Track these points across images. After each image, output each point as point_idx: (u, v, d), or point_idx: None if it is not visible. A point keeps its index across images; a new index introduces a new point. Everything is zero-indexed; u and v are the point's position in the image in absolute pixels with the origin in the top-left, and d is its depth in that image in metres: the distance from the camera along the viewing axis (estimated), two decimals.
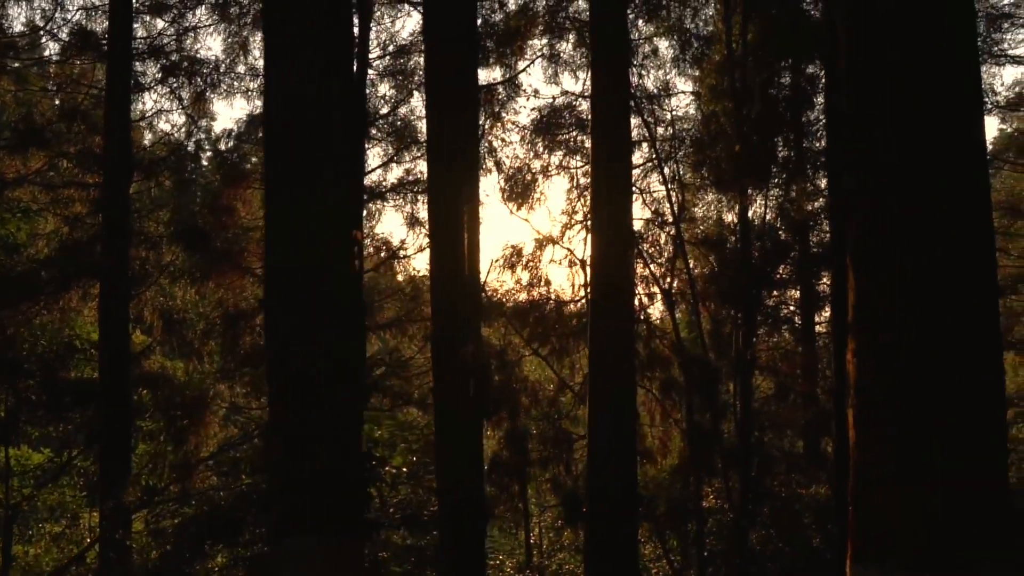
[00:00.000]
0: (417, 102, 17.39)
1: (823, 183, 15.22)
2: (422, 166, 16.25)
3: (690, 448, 14.30)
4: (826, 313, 16.18)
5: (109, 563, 11.38)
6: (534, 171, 16.39)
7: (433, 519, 9.24)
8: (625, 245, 9.13)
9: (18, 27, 14.74)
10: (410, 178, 16.19)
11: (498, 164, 16.37)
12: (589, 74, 11.72)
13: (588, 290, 11.82)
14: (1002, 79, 64.19)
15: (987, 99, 16.23)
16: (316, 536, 4.21)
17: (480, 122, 16.06)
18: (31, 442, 15.53)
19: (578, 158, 16.11)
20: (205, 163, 16.82)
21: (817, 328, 17.24)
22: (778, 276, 16.20)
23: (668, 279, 15.98)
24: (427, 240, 12.59)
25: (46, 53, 14.94)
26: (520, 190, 16.45)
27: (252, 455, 11.22)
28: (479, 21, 15.02)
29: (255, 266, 14.01)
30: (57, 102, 14.11)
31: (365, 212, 16.35)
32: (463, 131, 7.84)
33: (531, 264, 16.61)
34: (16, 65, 14.79)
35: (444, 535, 7.57)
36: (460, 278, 7.30)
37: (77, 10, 14.03)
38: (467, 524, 7.77)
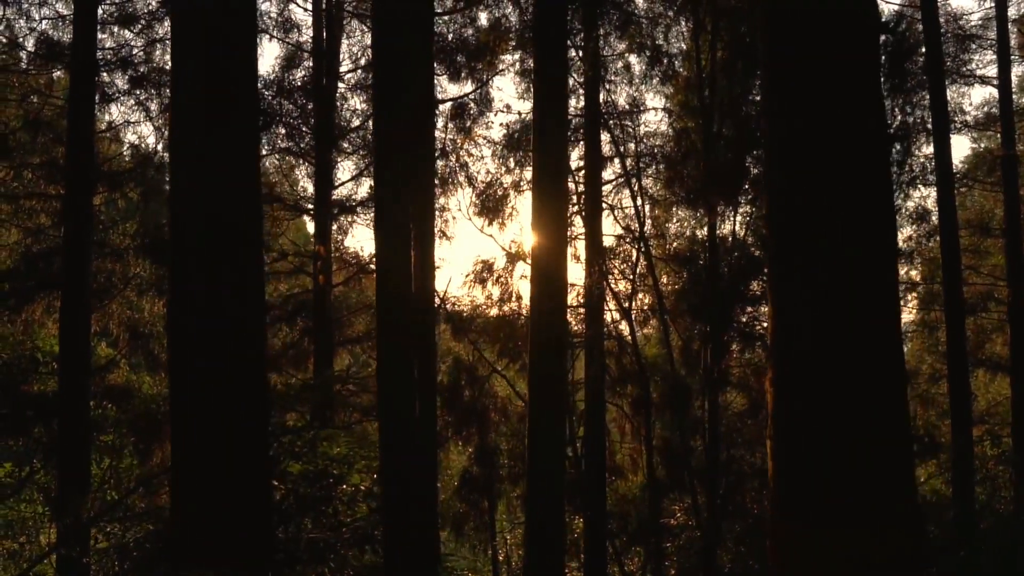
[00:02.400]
0: None
1: None
2: None
3: (650, 465, 14.22)
4: None
5: None
6: (505, 186, 16.38)
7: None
8: (561, 264, 9.18)
9: None
10: None
11: (470, 179, 16.34)
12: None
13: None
14: (970, 99, 64.71)
15: (956, 119, 16.34)
16: (212, 570, 4.10)
17: (451, 137, 16.04)
18: None
19: None
20: None
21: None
22: (750, 292, 16.19)
23: (639, 295, 15.95)
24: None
25: (11, 63, 14.80)
26: (492, 205, 16.42)
27: None
28: (449, 36, 15.02)
29: None
30: (22, 112, 13.97)
31: (335, 226, 16.28)
32: (414, 146, 7.78)
33: (502, 279, 16.57)
34: None
35: (389, 555, 7.46)
36: (406, 295, 7.23)
37: (43, 19, 13.93)
38: (416, 544, 7.67)
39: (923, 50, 14.15)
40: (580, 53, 14.88)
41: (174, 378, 4.67)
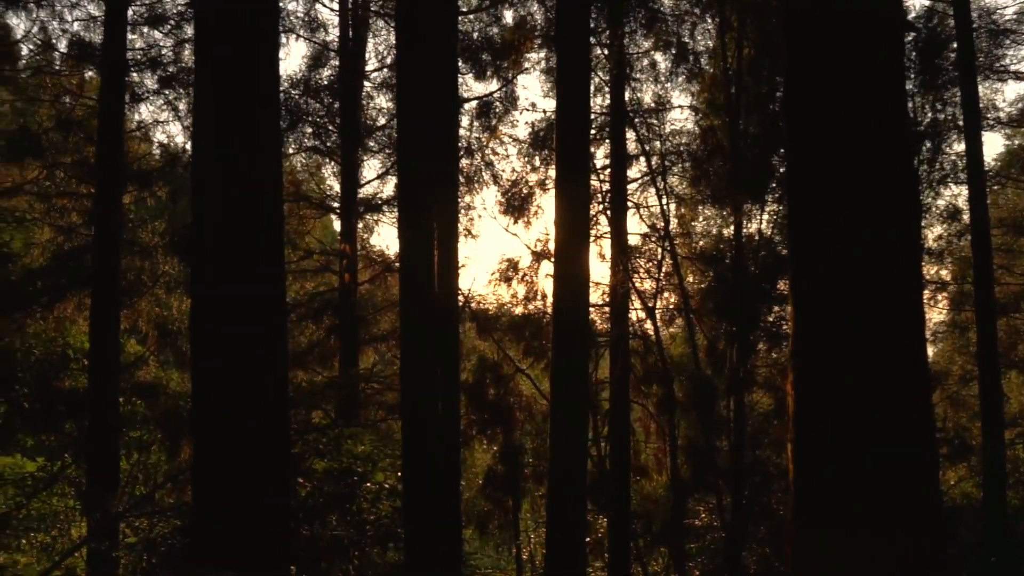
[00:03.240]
0: None
1: None
2: None
3: (675, 465, 14.14)
4: None
5: (93, 573, 11.35)
6: (531, 184, 16.37)
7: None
8: (584, 263, 9.15)
9: (18, 36, 14.82)
10: None
11: (495, 177, 16.35)
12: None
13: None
14: (1004, 95, 63.43)
15: (988, 116, 16.06)
16: (233, 568, 4.14)
17: (476, 135, 16.06)
18: (25, 451, 15.56)
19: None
20: None
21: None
22: (777, 292, 16.04)
23: (665, 294, 15.87)
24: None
25: (44, 64, 15.03)
26: (517, 204, 16.40)
27: None
28: (475, 35, 15.04)
29: None
30: (54, 112, 14.19)
31: (361, 224, 16.37)
32: (439, 145, 7.79)
33: (527, 278, 16.55)
34: (22, 75, 14.92)
35: (411, 554, 7.48)
36: (430, 294, 7.24)
37: (75, 21, 14.12)
38: (440, 543, 7.68)
39: (954, 45, 13.93)
40: (605, 51, 14.82)
41: (196, 376, 4.72)
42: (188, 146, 15.35)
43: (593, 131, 14.28)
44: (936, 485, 3.38)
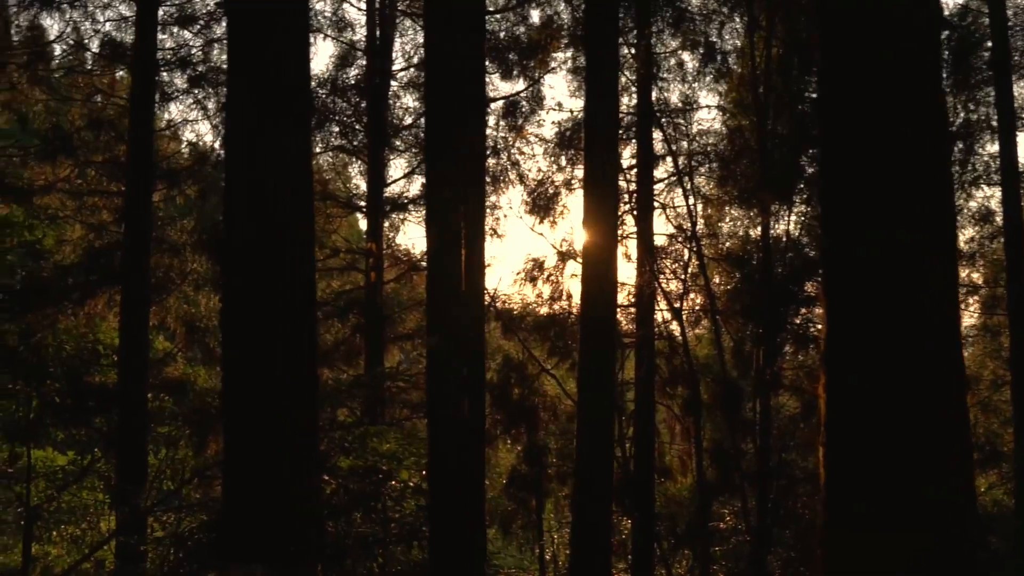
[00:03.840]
0: None
1: None
2: None
3: (700, 467, 14.05)
4: None
5: (122, 566, 11.49)
6: (556, 184, 16.34)
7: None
8: (611, 264, 9.11)
9: (51, 37, 15.03)
10: None
11: (521, 177, 16.34)
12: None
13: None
14: None
15: (1023, 116, 15.79)
16: (262, 564, 4.16)
17: (503, 135, 16.06)
18: (56, 444, 15.76)
19: None
20: None
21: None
22: (805, 294, 15.90)
23: (691, 295, 15.77)
24: None
25: (77, 63, 15.24)
26: (543, 203, 16.38)
27: None
28: (501, 34, 15.04)
29: None
30: (86, 111, 14.39)
31: (387, 223, 16.43)
32: (466, 145, 7.80)
33: (552, 278, 16.52)
34: (55, 75, 15.15)
35: (436, 552, 7.50)
36: (456, 294, 7.25)
37: (107, 21, 14.30)
38: (464, 541, 7.69)
39: (989, 44, 13.71)
40: (632, 51, 14.76)
41: (226, 373, 4.76)
42: (216, 145, 15.50)
43: (619, 131, 14.21)
44: (971, 489, 3.33)
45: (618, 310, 13.92)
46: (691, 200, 14.99)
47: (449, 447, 7.36)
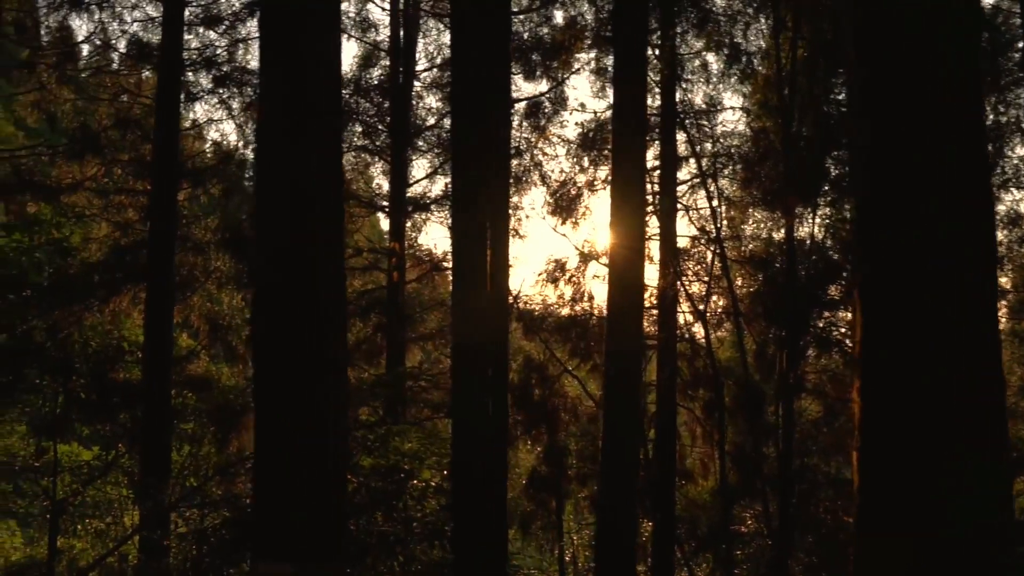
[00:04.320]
0: None
1: None
2: None
3: (722, 470, 13.98)
4: None
5: (145, 561, 11.58)
6: (579, 185, 16.30)
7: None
8: (638, 266, 9.07)
9: (79, 38, 15.21)
10: None
11: (543, 178, 16.33)
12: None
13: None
14: None
15: None
16: (290, 562, 4.18)
17: (525, 136, 16.06)
18: (81, 440, 15.92)
19: None
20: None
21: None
22: (828, 297, 15.77)
23: (713, 298, 15.70)
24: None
25: (104, 63, 15.39)
26: (565, 204, 16.35)
27: None
28: (525, 35, 15.03)
29: None
30: (112, 111, 14.52)
31: (409, 223, 16.47)
32: (492, 145, 7.80)
33: (574, 279, 16.49)
34: (83, 74, 15.31)
35: (459, 551, 7.50)
36: (482, 294, 7.25)
37: (134, 22, 14.44)
38: (487, 541, 7.69)
39: (1020, 45, 13.55)
40: (656, 52, 14.70)
41: (258, 371, 4.79)
42: (240, 144, 15.59)
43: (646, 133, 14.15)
44: (1009, 494, 3.28)
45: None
46: (715, 202, 14.92)
47: (475, 448, 7.36)
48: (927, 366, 3.13)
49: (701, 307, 15.29)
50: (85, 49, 15.32)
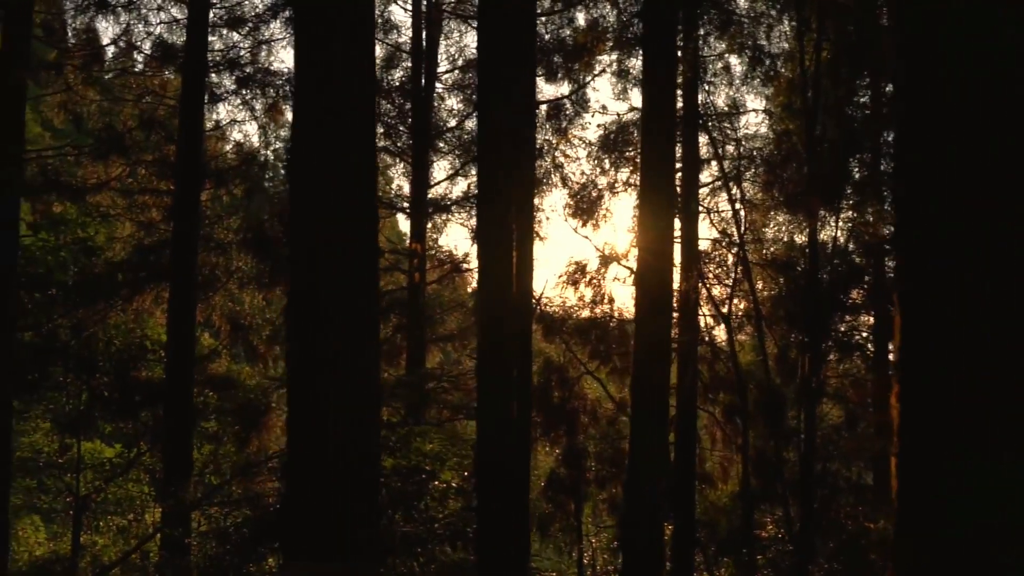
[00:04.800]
0: None
1: None
2: None
3: (744, 475, 13.89)
4: None
5: (167, 558, 11.66)
6: (600, 188, 16.27)
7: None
8: (665, 270, 9.02)
9: (105, 41, 15.36)
10: (475, 191, 16.26)
11: (564, 180, 16.31)
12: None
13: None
14: None
15: None
16: (321, 561, 4.19)
17: (547, 137, 16.04)
18: (103, 437, 16.06)
19: None
20: (279, 171, 17.22)
21: (891, 356, 16.57)
22: (850, 301, 15.66)
23: (734, 301, 15.62)
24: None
25: (129, 65, 15.53)
26: (586, 207, 16.33)
27: None
28: (547, 36, 15.02)
29: None
30: (137, 112, 14.65)
31: (430, 224, 16.50)
32: (516, 147, 7.80)
33: (595, 281, 16.46)
34: (108, 76, 15.46)
35: (481, 552, 7.50)
36: (506, 296, 7.25)
37: (159, 24, 14.56)
38: (509, 542, 7.68)
39: None
40: (679, 54, 14.65)
41: (292, 372, 4.81)
42: (262, 145, 15.67)
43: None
44: None
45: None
46: (736, 205, 14.85)
47: (499, 449, 7.36)
48: (970, 371, 3.10)
49: (726, 311, 15.22)
50: (111, 51, 15.48)
